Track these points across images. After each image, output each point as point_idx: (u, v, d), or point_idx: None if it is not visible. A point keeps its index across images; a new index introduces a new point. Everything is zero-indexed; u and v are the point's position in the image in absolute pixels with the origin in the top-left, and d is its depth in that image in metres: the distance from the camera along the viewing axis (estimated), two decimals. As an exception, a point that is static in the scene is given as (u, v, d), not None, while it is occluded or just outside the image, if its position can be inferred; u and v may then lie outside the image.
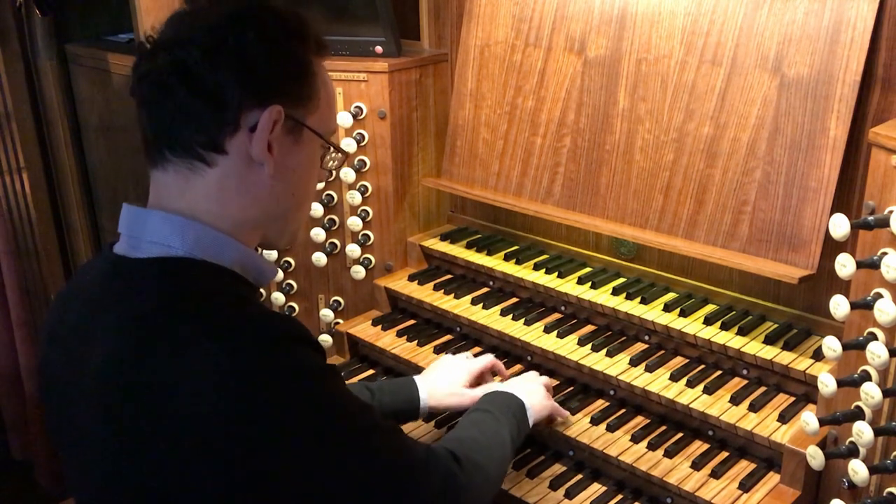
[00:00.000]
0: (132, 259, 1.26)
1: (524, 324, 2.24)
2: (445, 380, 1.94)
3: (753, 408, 1.87)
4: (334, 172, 1.53)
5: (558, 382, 2.12)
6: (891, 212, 1.49)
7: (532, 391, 1.87)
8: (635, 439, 1.90)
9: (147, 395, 1.14)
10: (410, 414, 1.90)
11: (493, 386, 1.95)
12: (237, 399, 1.11)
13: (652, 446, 1.88)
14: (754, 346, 1.96)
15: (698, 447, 1.89)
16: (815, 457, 1.63)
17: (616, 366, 2.04)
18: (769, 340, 1.97)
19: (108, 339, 1.21)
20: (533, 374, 2.02)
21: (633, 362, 2.04)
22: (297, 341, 1.21)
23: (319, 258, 2.57)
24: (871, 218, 1.50)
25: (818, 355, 1.91)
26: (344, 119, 2.41)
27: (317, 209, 2.51)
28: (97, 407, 1.20)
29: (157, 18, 2.48)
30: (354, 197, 2.49)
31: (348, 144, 2.43)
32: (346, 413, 1.24)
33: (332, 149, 1.40)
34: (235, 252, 1.29)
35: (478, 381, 2.00)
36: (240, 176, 1.28)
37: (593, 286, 2.24)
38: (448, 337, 2.37)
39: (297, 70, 1.29)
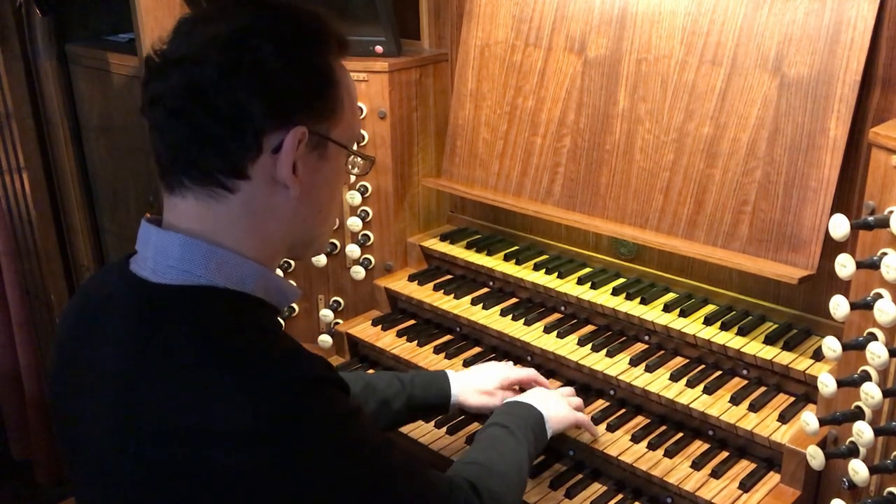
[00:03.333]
0: (153, 284, 1.21)
1: (524, 324, 2.24)
2: (479, 379, 1.91)
3: (753, 408, 1.87)
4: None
5: (559, 384, 2.12)
6: (891, 212, 1.49)
7: (551, 402, 1.84)
8: (635, 439, 1.90)
9: (166, 429, 1.11)
10: (440, 409, 1.89)
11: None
12: (264, 443, 1.09)
13: (652, 446, 1.88)
14: (754, 347, 1.96)
15: (698, 447, 1.89)
16: (815, 457, 1.63)
17: (616, 366, 2.04)
18: (769, 340, 1.97)
19: (125, 364, 1.17)
20: (568, 389, 1.99)
21: (633, 362, 2.04)
22: (325, 383, 1.18)
23: (319, 258, 2.56)
24: (871, 218, 1.50)
25: (818, 355, 1.91)
26: (344, 119, 2.41)
27: (317, 209, 2.51)
28: (108, 426, 1.18)
29: (156, 18, 2.49)
30: (354, 197, 2.49)
31: (348, 144, 2.43)
32: (371, 455, 1.21)
33: (356, 156, 1.35)
34: (259, 277, 1.24)
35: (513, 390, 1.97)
36: (264, 200, 1.22)
37: (593, 286, 2.24)
38: (448, 337, 2.37)
39: (319, 83, 1.22)
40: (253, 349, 1.15)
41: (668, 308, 2.12)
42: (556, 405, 1.84)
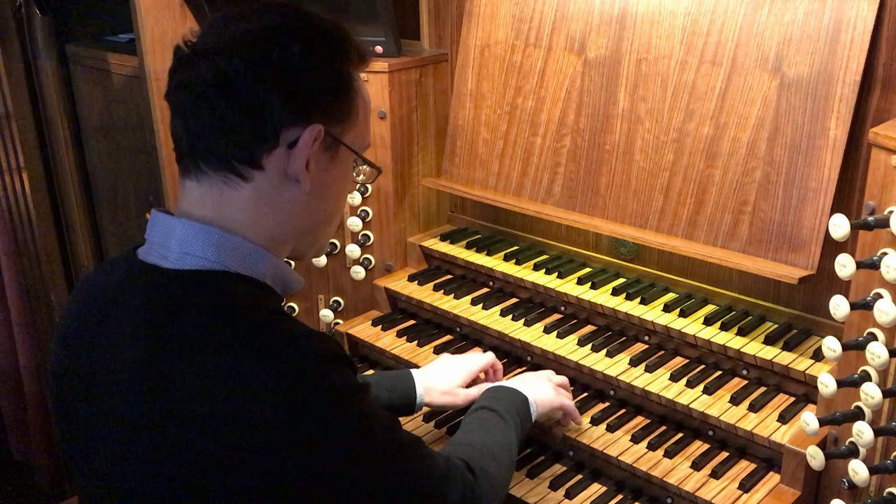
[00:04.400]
0: (165, 269, 1.24)
1: (524, 324, 2.24)
2: (443, 378, 1.94)
3: (753, 408, 1.87)
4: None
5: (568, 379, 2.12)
6: (891, 212, 1.49)
7: (536, 386, 1.87)
8: (635, 439, 1.90)
9: (186, 412, 1.13)
10: (406, 409, 1.92)
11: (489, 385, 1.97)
12: (277, 419, 1.11)
13: (652, 446, 1.88)
14: (754, 347, 1.96)
15: (698, 447, 1.89)
16: (815, 457, 1.63)
17: (616, 366, 2.04)
18: (769, 341, 1.97)
19: (143, 351, 1.19)
20: (546, 372, 2.00)
21: (633, 362, 2.04)
22: (335, 360, 1.21)
23: (319, 259, 2.56)
24: (871, 218, 1.50)
25: (818, 355, 1.91)
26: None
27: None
28: (125, 415, 1.19)
29: (156, 18, 2.50)
30: (354, 197, 2.49)
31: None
32: (377, 431, 1.24)
33: (364, 163, 1.39)
34: (267, 264, 1.28)
35: (476, 380, 2.00)
36: (275, 191, 1.27)
37: (593, 286, 2.24)
38: (448, 337, 2.37)
39: (338, 87, 1.28)
40: (269, 328, 1.19)
41: (668, 308, 2.12)
42: (541, 389, 1.87)
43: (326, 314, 2.62)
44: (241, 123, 1.22)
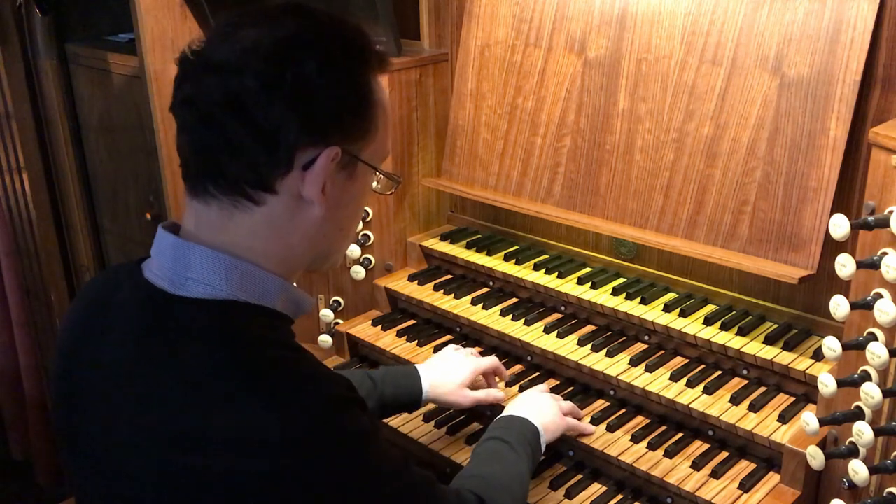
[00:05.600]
0: (172, 295, 1.18)
1: (524, 324, 2.24)
2: (449, 376, 1.93)
3: (753, 408, 1.87)
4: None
5: (558, 383, 2.13)
6: (891, 212, 1.49)
7: (544, 410, 1.84)
8: (635, 439, 1.90)
9: (191, 450, 1.09)
10: (412, 406, 1.91)
11: (495, 393, 1.98)
12: (289, 460, 1.08)
13: (652, 446, 1.88)
14: (754, 347, 1.96)
15: (698, 447, 1.89)
16: (815, 457, 1.63)
17: (616, 366, 2.04)
18: (769, 340, 1.97)
19: (144, 380, 1.15)
20: (542, 387, 2.01)
21: (633, 362, 2.04)
22: (346, 404, 1.17)
23: (319, 258, 2.56)
24: (871, 218, 1.50)
25: (818, 355, 1.91)
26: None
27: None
28: (123, 443, 1.16)
29: (156, 18, 2.50)
30: (354, 197, 2.49)
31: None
32: (389, 476, 1.22)
33: (383, 175, 1.32)
34: (277, 290, 1.23)
35: (477, 381, 2.00)
36: (288, 214, 1.20)
37: (593, 286, 2.24)
38: (448, 337, 2.37)
39: (358, 102, 1.20)
40: (279, 366, 1.14)
41: (668, 308, 2.12)
42: (550, 414, 1.84)
43: (326, 314, 2.61)
44: (254, 147, 1.14)
